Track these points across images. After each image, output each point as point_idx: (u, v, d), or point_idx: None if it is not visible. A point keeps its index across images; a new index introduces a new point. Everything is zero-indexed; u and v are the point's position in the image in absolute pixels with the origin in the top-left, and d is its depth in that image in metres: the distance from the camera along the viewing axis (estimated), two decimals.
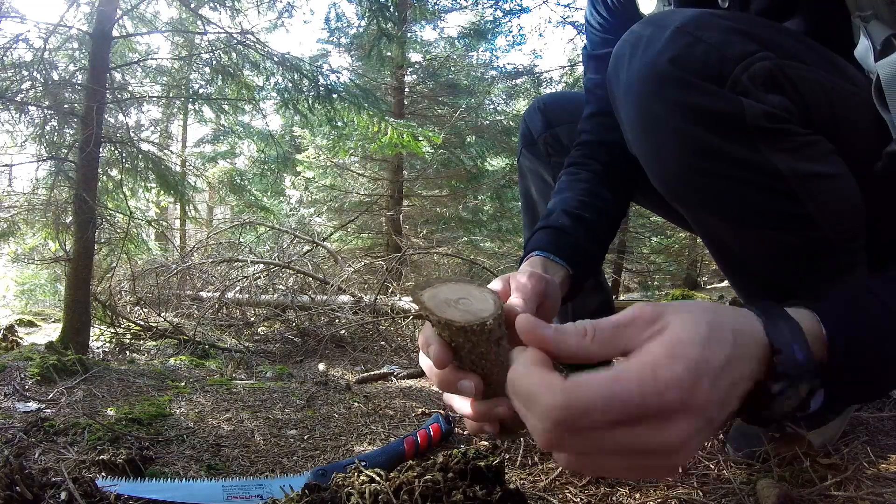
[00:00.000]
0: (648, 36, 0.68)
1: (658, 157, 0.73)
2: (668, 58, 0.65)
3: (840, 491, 0.80)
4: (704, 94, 0.64)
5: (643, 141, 0.74)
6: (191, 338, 2.73)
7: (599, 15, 1.07)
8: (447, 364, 0.48)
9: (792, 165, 0.64)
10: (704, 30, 0.65)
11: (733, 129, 0.64)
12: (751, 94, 0.62)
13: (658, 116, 0.68)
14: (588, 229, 0.93)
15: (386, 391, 1.69)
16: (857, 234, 0.69)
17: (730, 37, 0.64)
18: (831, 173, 0.65)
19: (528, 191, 1.32)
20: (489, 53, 7.79)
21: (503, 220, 7.14)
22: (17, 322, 3.88)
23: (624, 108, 0.74)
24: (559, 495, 0.86)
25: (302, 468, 1.04)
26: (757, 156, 0.64)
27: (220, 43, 3.27)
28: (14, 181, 5.13)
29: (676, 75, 0.64)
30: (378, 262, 3.92)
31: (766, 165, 0.64)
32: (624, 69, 0.71)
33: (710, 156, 0.66)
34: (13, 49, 2.75)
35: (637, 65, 0.68)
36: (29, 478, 0.77)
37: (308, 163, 6.46)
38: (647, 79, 0.67)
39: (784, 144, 0.64)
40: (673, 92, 0.65)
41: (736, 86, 0.62)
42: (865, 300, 0.52)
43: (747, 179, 0.66)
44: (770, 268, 0.76)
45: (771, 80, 0.63)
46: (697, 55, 0.64)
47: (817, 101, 0.65)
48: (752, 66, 0.62)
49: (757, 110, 0.62)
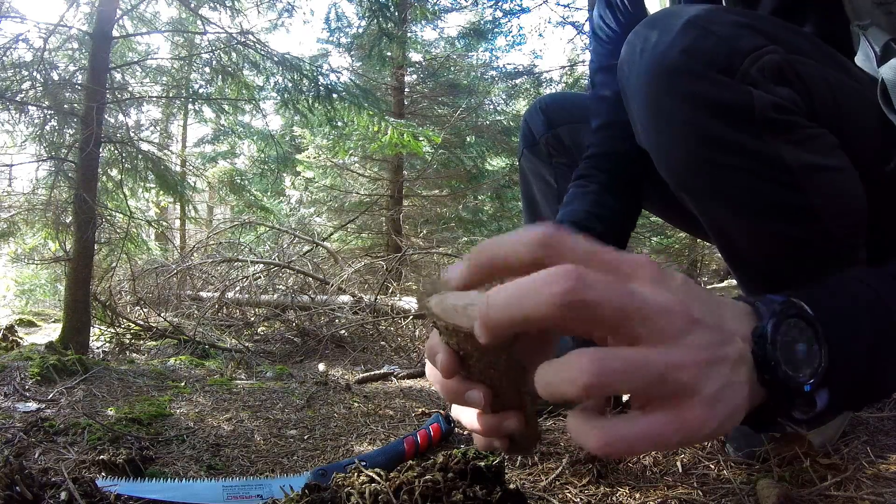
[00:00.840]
0: (660, 29, 0.69)
1: (666, 147, 0.73)
2: (679, 49, 0.65)
3: (840, 491, 0.80)
4: (714, 85, 0.64)
5: (652, 130, 0.74)
6: (191, 338, 2.73)
7: (608, 27, 1.08)
8: (455, 373, 0.43)
9: (798, 157, 0.64)
10: (715, 23, 0.66)
11: (742, 120, 0.64)
12: (760, 86, 0.63)
13: (667, 106, 0.69)
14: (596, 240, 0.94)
15: (386, 391, 1.69)
16: (859, 230, 0.70)
17: (740, 30, 0.65)
18: (836, 167, 0.66)
19: (530, 192, 1.32)
20: (489, 53, 7.81)
21: (503, 220, 7.14)
22: (17, 322, 3.88)
23: (634, 99, 0.75)
24: (559, 495, 0.86)
25: (302, 468, 1.04)
26: (764, 146, 0.64)
27: (220, 43, 3.27)
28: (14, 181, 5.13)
29: (687, 66, 0.65)
30: (378, 262, 3.93)
31: (773, 156, 0.65)
32: (636, 60, 0.72)
33: (718, 145, 0.67)
34: (13, 49, 2.75)
35: (648, 55, 0.69)
36: (29, 478, 0.77)
37: (308, 163, 6.46)
38: (657, 69, 0.68)
39: (791, 136, 0.64)
40: (683, 82, 0.66)
41: (745, 77, 0.63)
42: (858, 289, 0.47)
43: (754, 169, 0.66)
44: (773, 260, 0.76)
45: (779, 73, 0.64)
46: (708, 47, 0.65)
47: (823, 97, 0.66)
48: (762, 59, 0.63)
49: (766, 101, 0.63)
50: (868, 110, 0.66)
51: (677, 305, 0.32)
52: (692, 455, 0.99)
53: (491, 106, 7.27)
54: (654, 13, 0.78)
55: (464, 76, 7.20)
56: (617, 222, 1.01)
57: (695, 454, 1.00)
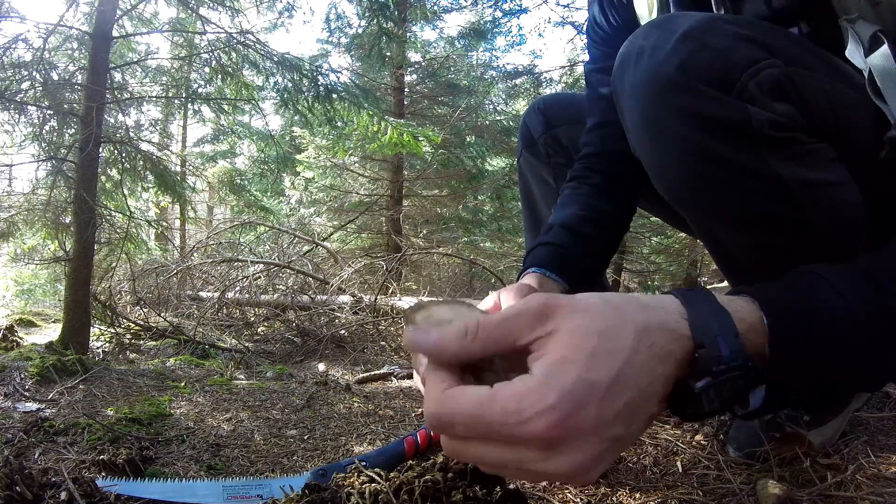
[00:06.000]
0: (655, 39, 0.68)
1: (662, 162, 0.73)
2: (675, 63, 0.64)
3: (840, 491, 0.80)
4: (711, 101, 0.63)
5: (647, 145, 0.74)
6: (191, 338, 2.73)
7: (601, 29, 1.08)
8: None
9: (795, 173, 0.64)
10: (711, 35, 0.65)
11: (739, 137, 0.64)
12: (757, 102, 0.62)
13: (663, 122, 0.68)
14: (587, 244, 0.96)
15: (386, 391, 1.69)
16: (857, 238, 0.70)
17: (736, 43, 0.64)
18: (834, 181, 0.66)
19: (529, 192, 1.32)
20: (489, 53, 7.78)
21: (503, 220, 7.13)
22: (17, 322, 3.88)
23: (629, 112, 0.74)
24: (559, 495, 0.86)
25: (302, 468, 1.04)
26: (761, 164, 0.64)
27: (219, 43, 3.26)
28: (14, 181, 5.13)
29: (683, 81, 0.64)
30: (378, 262, 3.92)
31: (770, 173, 0.64)
32: (630, 72, 0.71)
33: (714, 162, 0.66)
34: (13, 49, 2.74)
35: (643, 68, 0.68)
36: (29, 478, 0.77)
37: (308, 163, 6.46)
38: (653, 84, 0.67)
39: (788, 153, 0.64)
40: (679, 98, 0.65)
41: (742, 93, 0.62)
42: (815, 283, 0.49)
43: (750, 186, 0.66)
44: (770, 273, 0.76)
45: (777, 88, 0.63)
46: (704, 61, 0.64)
47: (821, 109, 0.65)
48: (760, 74, 0.62)
49: (763, 118, 0.62)
50: (864, 116, 0.66)
51: None
52: (692, 455, 0.99)
53: (491, 106, 7.26)
54: (650, 21, 0.77)
55: (463, 76, 7.19)
56: (608, 225, 1.02)
57: (695, 454, 1.00)
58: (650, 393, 0.40)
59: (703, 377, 0.41)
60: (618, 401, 0.38)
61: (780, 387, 0.46)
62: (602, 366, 0.37)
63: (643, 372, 0.39)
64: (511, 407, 0.36)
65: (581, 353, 0.38)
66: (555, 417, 0.36)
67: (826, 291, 0.48)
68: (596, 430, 0.37)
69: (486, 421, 0.37)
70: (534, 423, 0.36)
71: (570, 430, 0.36)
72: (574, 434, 0.37)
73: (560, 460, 0.37)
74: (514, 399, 0.37)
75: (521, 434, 0.36)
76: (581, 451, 0.37)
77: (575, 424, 0.36)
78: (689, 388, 0.41)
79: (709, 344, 0.41)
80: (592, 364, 0.37)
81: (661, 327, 0.41)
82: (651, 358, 0.39)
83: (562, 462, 0.37)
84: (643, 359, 0.39)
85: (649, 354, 0.39)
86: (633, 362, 0.39)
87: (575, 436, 0.37)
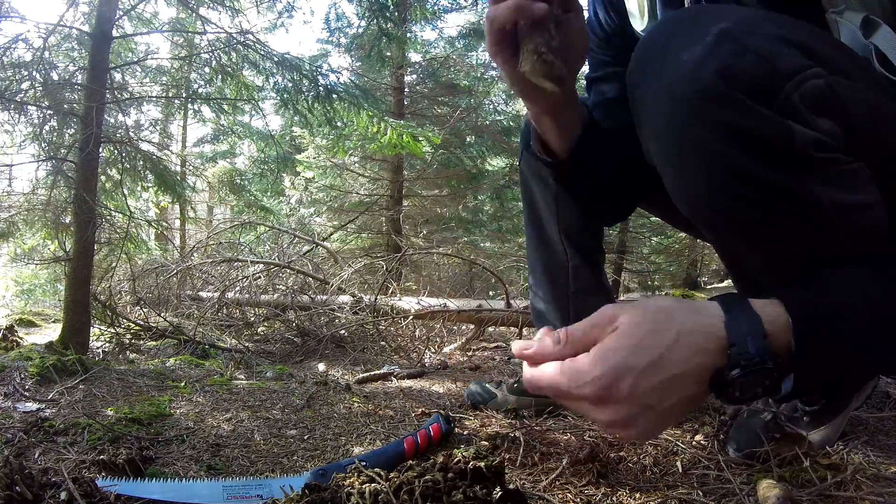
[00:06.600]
0: (685, 37, 0.61)
1: (688, 179, 0.66)
2: (714, 69, 0.57)
3: (840, 491, 0.80)
4: (751, 116, 0.57)
5: (673, 159, 0.67)
6: (191, 338, 2.73)
7: (594, 34, 1.07)
8: None
9: (834, 198, 0.59)
10: (750, 36, 0.58)
11: (780, 158, 0.58)
12: (800, 118, 0.57)
13: (694, 134, 0.61)
14: None
15: (386, 391, 1.69)
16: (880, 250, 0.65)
17: (779, 46, 0.58)
18: (869, 203, 0.61)
19: (530, 192, 1.32)
20: None
21: (503, 220, 7.14)
22: (17, 322, 3.88)
23: (651, 120, 0.67)
24: (559, 495, 0.86)
25: (302, 468, 1.04)
26: (801, 187, 0.59)
27: (219, 43, 3.26)
28: (14, 181, 5.13)
29: (723, 91, 0.57)
30: (378, 262, 3.92)
31: (811, 198, 0.59)
32: (653, 76, 0.65)
33: (749, 183, 0.60)
34: (13, 49, 2.74)
35: (672, 71, 0.61)
36: (29, 478, 0.77)
37: (308, 163, 6.46)
38: (686, 91, 0.60)
39: (827, 174, 0.59)
40: (717, 110, 0.58)
41: (786, 106, 0.57)
42: (841, 287, 0.56)
43: (786, 210, 0.61)
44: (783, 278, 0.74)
45: (822, 102, 0.58)
46: (746, 68, 0.57)
47: (864, 123, 0.60)
48: (805, 84, 0.57)
49: (807, 138, 0.57)
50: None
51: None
52: (692, 455, 1.00)
53: (491, 106, 7.25)
54: (673, 14, 0.71)
55: (463, 76, 7.20)
56: None
57: (695, 454, 1.00)
58: (685, 377, 0.52)
59: (734, 368, 0.51)
60: (652, 379, 0.51)
61: (807, 375, 0.54)
62: (642, 354, 0.51)
63: (678, 361, 0.51)
64: (572, 375, 0.53)
65: (629, 343, 0.51)
66: (599, 384, 0.51)
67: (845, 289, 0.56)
68: (630, 397, 0.51)
69: (556, 384, 0.54)
70: (586, 387, 0.51)
71: (610, 394, 0.51)
72: (613, 397, 0.51)
73: (605, 412, 0.52)
74: (575, 370, 0.52)
75: (578, 393, 0.52)
76: (617, 411, 0.52)
77: (614, 391, 0.51)
78: (725, 376, 0.52)
79: (739, 343, 0.51)
80: (634, 352, 0.51)
81: (702, 329, 0.52)
82: (688, 351, 0.51)
83: (605, 414, 0.52)
84: (680, 351, 0.51)
85: (687, 349, 0.51)
86: (670, 354, 0.51)
87: (614, 398, 0.51)
